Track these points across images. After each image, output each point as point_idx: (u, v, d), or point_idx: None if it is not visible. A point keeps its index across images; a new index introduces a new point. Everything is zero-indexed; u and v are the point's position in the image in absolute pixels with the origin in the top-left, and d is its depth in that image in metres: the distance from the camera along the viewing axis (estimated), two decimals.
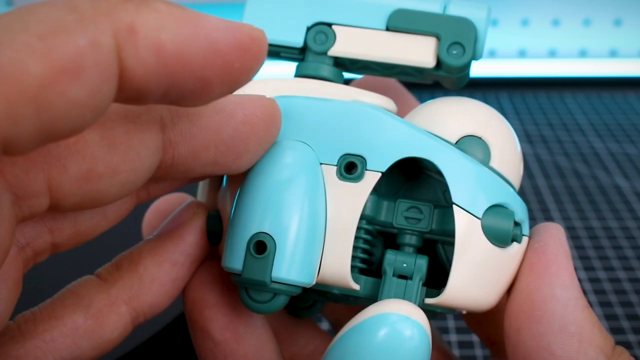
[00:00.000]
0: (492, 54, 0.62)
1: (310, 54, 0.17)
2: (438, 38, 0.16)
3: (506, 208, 0.15)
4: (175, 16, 0.11)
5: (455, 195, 0.15)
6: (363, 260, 0.16)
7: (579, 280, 0.36)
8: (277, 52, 0.17)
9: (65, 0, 0.10)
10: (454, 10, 0.16)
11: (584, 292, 0.35)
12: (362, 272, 0.16)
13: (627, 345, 0.32)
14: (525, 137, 0.52)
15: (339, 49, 0.16)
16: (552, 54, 0.62)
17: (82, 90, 0.09)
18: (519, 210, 0.16)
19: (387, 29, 0.16)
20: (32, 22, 0.09)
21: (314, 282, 0.15)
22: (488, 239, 0.15)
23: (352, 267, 0.15)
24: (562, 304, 0.14)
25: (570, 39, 0.62)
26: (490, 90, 0.60)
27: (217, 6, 0.61)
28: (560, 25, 0.61)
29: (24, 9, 0.09)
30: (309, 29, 0.17)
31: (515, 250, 0.16)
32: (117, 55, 0.10)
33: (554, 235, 0.15)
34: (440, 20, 0.16)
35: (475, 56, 0.16)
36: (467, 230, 0.15)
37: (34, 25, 0.09)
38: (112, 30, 0.10)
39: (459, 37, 0.16)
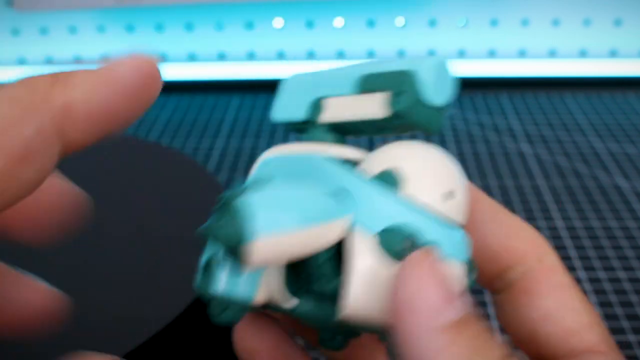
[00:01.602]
0: (492, 54, 0.62)
1: (310, 125, 0.20)
2: (389, 92, 0.18)
3: (401, 227, 0.16)
4: (92, 80, 0.13)
5: (355, 218, 0.16)
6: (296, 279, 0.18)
7: (579, 280, 0.36)
8: (296, 128, 0.21)
9: (5, 92, 0.12)
10: (405, 66, 0.18)
11: (585, 292, 0.35)
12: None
13: (627, 345, 0.32)
14: (525, 137, 0.52)
15: (325, 117, 0.19)
16: (552, 54, 0.62)
17: (31, 171, 0.12)
18: (429, 232, 0.16)
19: (360, 93, 0.19)
20: None
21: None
22: (384, 252, 0.16)
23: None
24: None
25: (570, 39, 0.62)
26: (490, 90, 0.60)
27: (218, 6, 0.61)
28: (560, 25, 0.61)
29: None
30: (310, 105, 0.20)
31: None
32: (59, 133, 0.12)
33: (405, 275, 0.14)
34: (390, 77, 0.18)
35: (423, 99, 0.18)
36: (359, 244, 0.16)
37: None
38: (51, 115, 0.12)
39: (401, 87, 0.18)
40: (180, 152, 0.42)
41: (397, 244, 0.16)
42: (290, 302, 0.17)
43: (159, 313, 0.26)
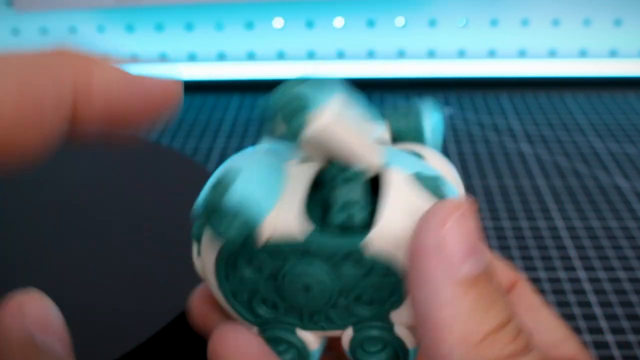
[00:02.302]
0: (492, 54, 0.62)
1: None
2: None
3: (434, 174, 0.17)
4: (118, 73, 0.13)
5: (392, 162, 0.17)
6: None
7: (579, 280, 0.36)
8: None
9: (41, 51, 0.13)
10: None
11: (584, 292, 0.35)
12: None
13: (627, 345, 0.32)
14: (525, 137, 0.52)
15: None
16: (552, 54, 0.62)
17: (38, 126, 0.12)
18: (452, 190, 0.17)
19: None
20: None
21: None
22: (423, 185, 0.16)
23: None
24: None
25: (570, 39, 0.62)
26: (490, 90, 0.60)
27: (218, 6, 0.61)
28: (560, 25, 0.61)
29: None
30: None
31: None
32: (73, 102, 0.13)
33: (427, 222, 0.15)
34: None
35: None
36: (396, 176, 0.16)
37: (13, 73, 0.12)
38: (73, 81, 0.13)
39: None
40: (180, 152, 0.42)
41: (432, 181, 0.16)
42: (305, 231, 0.16)
43: (158, 313, 0.26)
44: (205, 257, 0.18)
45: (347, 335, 0.18)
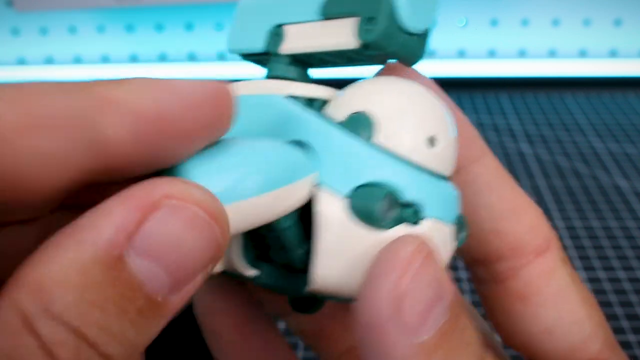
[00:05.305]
0: (492, 54, 0.62)
1: (271, 56, 0.17)
2: (358, 17, 0.15)
3: (378, 186, 0.13)
4: (149, 85, 0.11)
5: (323, 175, 0.13)
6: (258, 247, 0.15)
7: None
8: (255, 60, 0.18)
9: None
10: None
11: None
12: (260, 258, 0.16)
13: (627, 345, 0.32)
14: (525, 137, 0.52)
15: (286, 47, 0.17)
16: (552, 54, 0.62)
17: (51, 143, 0.10)
18: (412, 189, 0.13)
19: (324, 19, 0.16)
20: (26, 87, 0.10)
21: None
22: (358, 218, 0.13)
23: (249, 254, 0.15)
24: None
25: (570, 39, 0.62)
26: (490, 90, 0.60)
27: (218, 6, 0.61)
28: (560, 25, 0.61)
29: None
30: (269, 33, 0.17)
31: (402, 232, 0.13)
32: (91, 123, 0.11)
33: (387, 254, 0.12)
34: (359, 0, 0.15)
35: (398, 25, 0.15)
36: (328, 209, 0.13)
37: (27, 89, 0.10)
38: (90, 101, 0.11)
39: (371, 12, 0.15)
40: None
41: (372, 207, 0.13)
42: (251, 272, 0.15)
43: None
44: None
45: None
